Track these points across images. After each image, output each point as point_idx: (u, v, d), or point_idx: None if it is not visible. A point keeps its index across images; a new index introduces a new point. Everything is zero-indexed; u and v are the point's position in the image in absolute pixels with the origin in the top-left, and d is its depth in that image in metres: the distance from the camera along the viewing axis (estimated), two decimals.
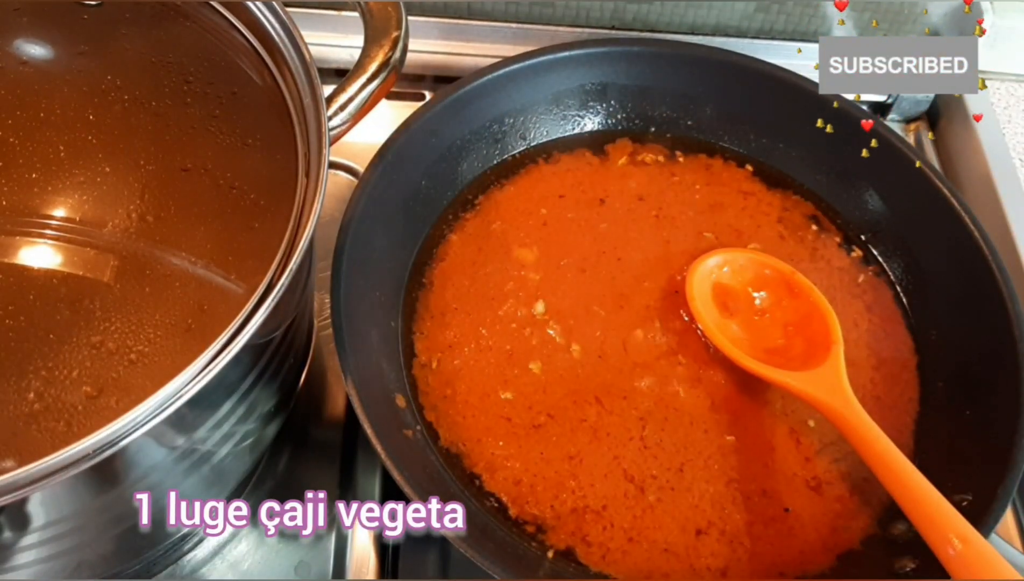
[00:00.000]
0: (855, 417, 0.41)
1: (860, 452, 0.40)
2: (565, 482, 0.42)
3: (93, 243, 0.39)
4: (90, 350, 0.36)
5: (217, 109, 0.40)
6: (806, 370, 0.44)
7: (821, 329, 0.46)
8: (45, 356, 0.36)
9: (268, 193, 0.37)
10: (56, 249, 0.39)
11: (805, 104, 0.53)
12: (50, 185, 0.40)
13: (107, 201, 0.39)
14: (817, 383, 0.43)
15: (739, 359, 0.45)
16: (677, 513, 0.42)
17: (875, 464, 0.39)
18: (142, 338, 0.36)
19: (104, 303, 0.37)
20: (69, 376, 0.36)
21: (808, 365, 0.44)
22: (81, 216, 0.39)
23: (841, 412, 0.42)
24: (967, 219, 0.48)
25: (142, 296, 0.36)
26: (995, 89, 0.63)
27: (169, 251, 0.38)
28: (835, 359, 0.44)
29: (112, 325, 0.37)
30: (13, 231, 0.39)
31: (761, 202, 0.54)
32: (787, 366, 0.45)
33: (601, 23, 0.60)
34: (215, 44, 0.41)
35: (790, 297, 0.48)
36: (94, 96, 0.40)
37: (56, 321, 0.37)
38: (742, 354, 0.45)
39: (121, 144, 0.40)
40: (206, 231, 0.38)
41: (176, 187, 0.39)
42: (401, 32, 0.41)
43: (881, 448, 0.39)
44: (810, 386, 0.43)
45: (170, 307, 0.36)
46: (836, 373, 0.43)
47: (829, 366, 0.44)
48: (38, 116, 0.40)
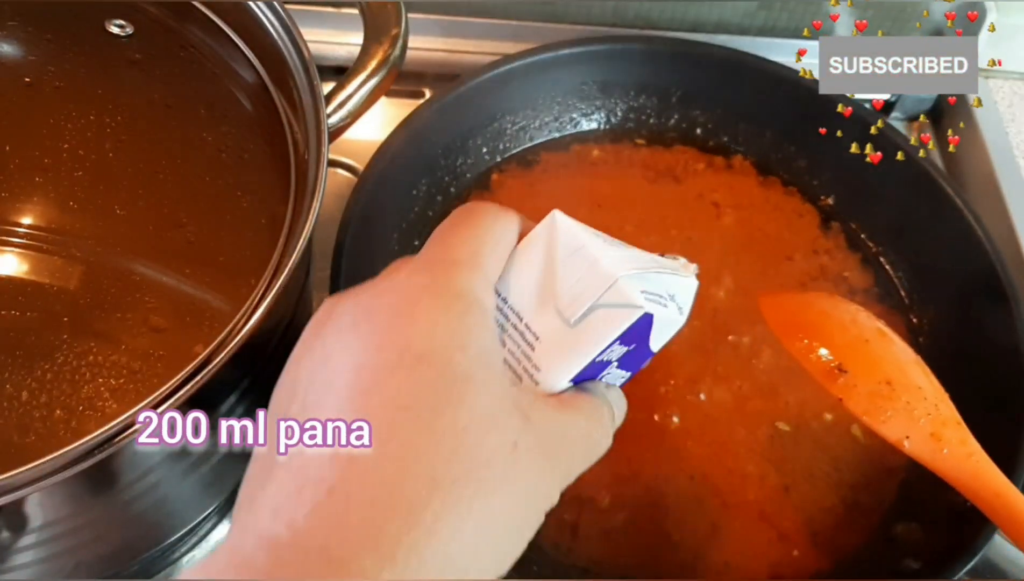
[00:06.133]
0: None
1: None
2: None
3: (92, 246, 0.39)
4: (90, 350, 0.36)
5: (216, 109, 0.40)
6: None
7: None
8: (45, 357, 0.36)
9: (266, 193, 0.37)
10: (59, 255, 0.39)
11: (807, 102, 0.52)
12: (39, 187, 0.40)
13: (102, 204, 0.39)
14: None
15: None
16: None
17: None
18: (140, 339, 0.36)
19: (104, 305, 0.37)
20: (70, 377, 0.36)
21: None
22: (74, 222, 0.39)
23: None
24: (970, 217, 0.48)
25: (140, 297, 0.36)
26: (998, 87, 0.62)
27: (166, 252, 0.38)
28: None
29: (111, 326, 0.37)
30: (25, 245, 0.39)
31: (767, 202, 0.53)
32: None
33: (603, 20, 0.60)
34: (214, 44, 0.41)
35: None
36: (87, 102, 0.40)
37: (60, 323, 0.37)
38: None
39: (118, 144, 0.40)
40: (204, 232, 0.38)
41: (173, 189, 0.39)
42: (401, 29, 0.41)
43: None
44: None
45: (169, 308, 0.36)
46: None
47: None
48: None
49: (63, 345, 0.36)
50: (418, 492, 0.19)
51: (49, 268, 0.38)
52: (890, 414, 0.34)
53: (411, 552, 0.19)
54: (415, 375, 0.20)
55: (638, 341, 0.25)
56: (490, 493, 0.20)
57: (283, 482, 0.20)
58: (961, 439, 0.35)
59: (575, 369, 0.24)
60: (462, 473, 0.20)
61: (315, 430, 0.20)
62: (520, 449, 0.21)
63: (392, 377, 0.20)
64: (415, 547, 0.19)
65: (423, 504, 0.19)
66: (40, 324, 0.37)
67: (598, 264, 0.24)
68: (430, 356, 0.21)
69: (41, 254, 0.39)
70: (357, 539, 0.19)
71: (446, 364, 0.21)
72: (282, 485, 0.20)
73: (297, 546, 0.19)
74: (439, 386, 0.20)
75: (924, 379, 0.35)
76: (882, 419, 0.34)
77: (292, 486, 0.20)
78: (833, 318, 0.36)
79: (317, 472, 0.20)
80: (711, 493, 0.43)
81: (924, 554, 0.40)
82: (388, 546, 0.18)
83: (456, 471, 0.20)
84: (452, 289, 0.22)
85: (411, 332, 0.21)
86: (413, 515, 0.19)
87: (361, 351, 0.21)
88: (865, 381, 0.34)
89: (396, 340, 0.21)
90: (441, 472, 0.19)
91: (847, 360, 0.34)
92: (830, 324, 0.36)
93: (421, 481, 0.19)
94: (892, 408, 0.34)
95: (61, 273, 0.38)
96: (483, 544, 0.20)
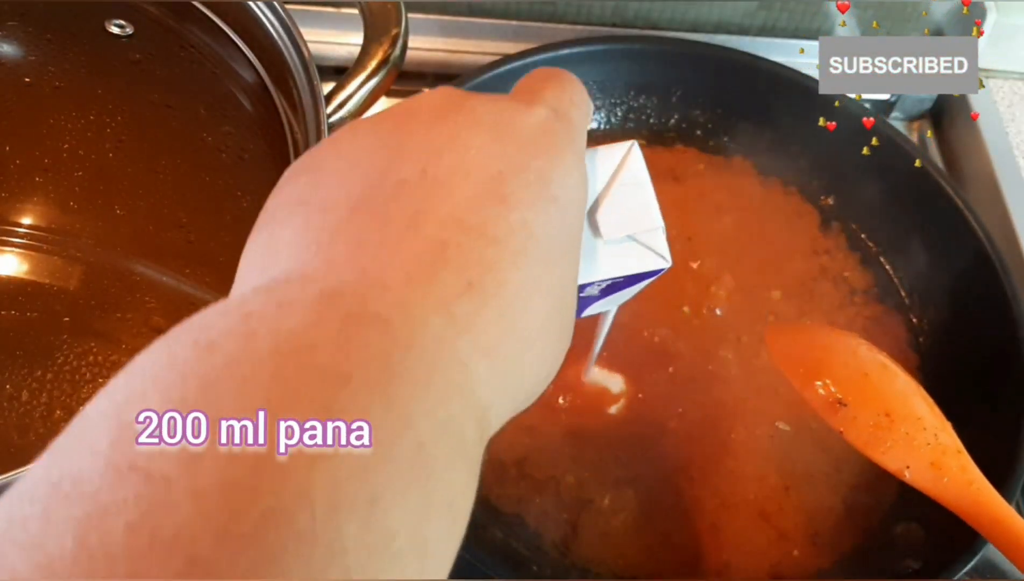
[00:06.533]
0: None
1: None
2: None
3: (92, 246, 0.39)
4: (90, 350, 0.36)
5: (216, 109, 0.40)
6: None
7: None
8: (45, 357, 0.36)
9: (266, 193, 0.37)
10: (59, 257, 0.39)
11: (807, 102, 0.52)
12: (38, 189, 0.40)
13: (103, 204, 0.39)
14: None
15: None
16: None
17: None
18: (140, 339, 0.36)
19: (104, 305, 0.37)
20: (71, 377, 0.35)
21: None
22: (74, 222, 0.39)
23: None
24: (970, 217, 0.48)
25: (140, 297, 0.36)
26: (998, 87, 0.62)
27: (167, 252, 0.38)
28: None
29: (112, 326, 0.37)
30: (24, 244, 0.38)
31: (767, 202, 0.53)
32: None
33: (603, 20, 0.60)
34: (214, 44, 0.41)
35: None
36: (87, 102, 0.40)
37: (60, 323, 0.37)
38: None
39: (119, 144, 0.40)
40: (204, 232, 0.38)
41: (173, 189, 0.39)
42: (401, 29, 0.41)
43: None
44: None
45: (169, 308, 0.36)
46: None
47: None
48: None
49: (63, 345, 0.36)
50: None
51: (49, 268, 0.38)
52: (890, 445, 0.35)
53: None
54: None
55: (634, 285, 0.26)
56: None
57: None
58: (962, 467, 0.35)
59: (584, 278, 0.24)
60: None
61: (315, 430, 0.20)
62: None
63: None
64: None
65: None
66: (40, 324, 0.37)
67: (652, 205, 0.25)
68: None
69: (41, 254, 0.39)
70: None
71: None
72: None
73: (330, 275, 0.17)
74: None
75: (925, 409, 0.36)
76: (882, 450, 0.35)
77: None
78: (835, 352, 0.37)
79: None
80: (711, 493, 0.43)
81: (924, 554, 0.40)
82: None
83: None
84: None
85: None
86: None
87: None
88: (865, 413, 0.35)
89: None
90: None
91: (847, 393, 0.35)
92: (831, 358, 0.37)
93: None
94: (892, 439, 0.35)
95: (61, 273, 0.38)
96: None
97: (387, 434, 0.15)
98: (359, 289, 0.17)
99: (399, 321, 0.16)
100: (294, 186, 0.20)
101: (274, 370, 0.15)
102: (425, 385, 0.16)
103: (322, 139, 0.22)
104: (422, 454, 0.15)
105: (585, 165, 0.22)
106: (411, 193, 0.19)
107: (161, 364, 0.15)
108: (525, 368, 0.19)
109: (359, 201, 0.18)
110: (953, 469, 0.35)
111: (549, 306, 0.20)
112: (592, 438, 0.44)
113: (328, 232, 0.18)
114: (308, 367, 0.15)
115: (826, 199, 0.54)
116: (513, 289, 0.18)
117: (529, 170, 0.20)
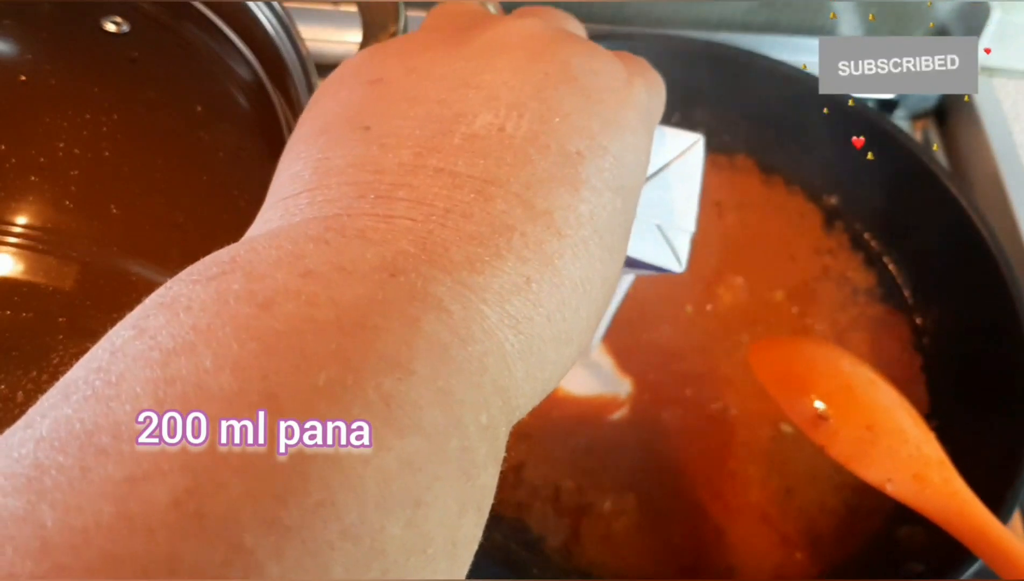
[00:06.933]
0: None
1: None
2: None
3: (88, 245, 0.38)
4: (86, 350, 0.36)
5: (213, 107, 0.40)
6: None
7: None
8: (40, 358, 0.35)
9: (264, 192, 0.37)
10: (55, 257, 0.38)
11: (808, 100, 0.52)
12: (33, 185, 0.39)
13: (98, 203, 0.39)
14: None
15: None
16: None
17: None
18: None
19: (100, 305, 0.37)
20: None
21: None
22: (70, 222, 0.39)
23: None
24: (974, 217, 0.47)
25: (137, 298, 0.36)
26: (1003, 86, 0.62)
27: (163, 252, 0.38)
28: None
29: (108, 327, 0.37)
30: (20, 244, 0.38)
31: (770, 201, 0.53)
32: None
33: (603, 20, 0.60)
34: (211, 42, 0.41)
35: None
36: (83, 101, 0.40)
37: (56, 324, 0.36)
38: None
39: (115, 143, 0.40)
40: (201, 232, 0.37)
41: (170, 188, 0.39)
42: (399, 27, 0.40)
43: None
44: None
45: None
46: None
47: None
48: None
49: (59, 346, 0.36)
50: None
51: (45, 268, 0.38)
52: (873, 458, 0.34)
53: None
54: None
55: (636, 269, 0.26)
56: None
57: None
58: (944, 479, 0.35)
59: None
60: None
61: (315, 430, 0.20)
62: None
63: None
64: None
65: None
66: (36, 324, 0.37)
67: (693, 205, 0.25)
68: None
69: (36, 254, 0.38)
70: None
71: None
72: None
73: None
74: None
75: (908, 421, 0.36)
76: (865, 464, 0.34)
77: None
78: (817, 366, 0.37)
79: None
80: (713, 496, 0.42)
81: (927, 557, 0.39)
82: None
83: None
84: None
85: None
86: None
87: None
88: (846, 427, 0.35)
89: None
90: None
91: (830, 407, 0.35)
92: (813, 373, 0.36)
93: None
94: (874, 452, 0.34)
95: (57, 273, 0.38)
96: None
97: (438, 435, 0.14)
98: (420, 265, 0.16)
99: (459, 311, 0.15)
100: (356, 92, 0.19)
101: (337, 350, 0.14)
102: (476, 386, 0.15)
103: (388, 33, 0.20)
104: (465, 457, 0.15)
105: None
106: (482, 153, 0.17)
107: (211, 312, 0.14)
108: (556, 371, 0.18)
109: (425, 146, 0.17)
110: (935, 481, 0.34)
111: (594, 310, 0.19)
112: (592, 441, 0.44)
113: (388, 178, 0.17)
114: (371, 353, 0.14)
115: (829, 198, 0.53)
116: (567, 290, 0.17)
117: (608, 155, 0.18)
